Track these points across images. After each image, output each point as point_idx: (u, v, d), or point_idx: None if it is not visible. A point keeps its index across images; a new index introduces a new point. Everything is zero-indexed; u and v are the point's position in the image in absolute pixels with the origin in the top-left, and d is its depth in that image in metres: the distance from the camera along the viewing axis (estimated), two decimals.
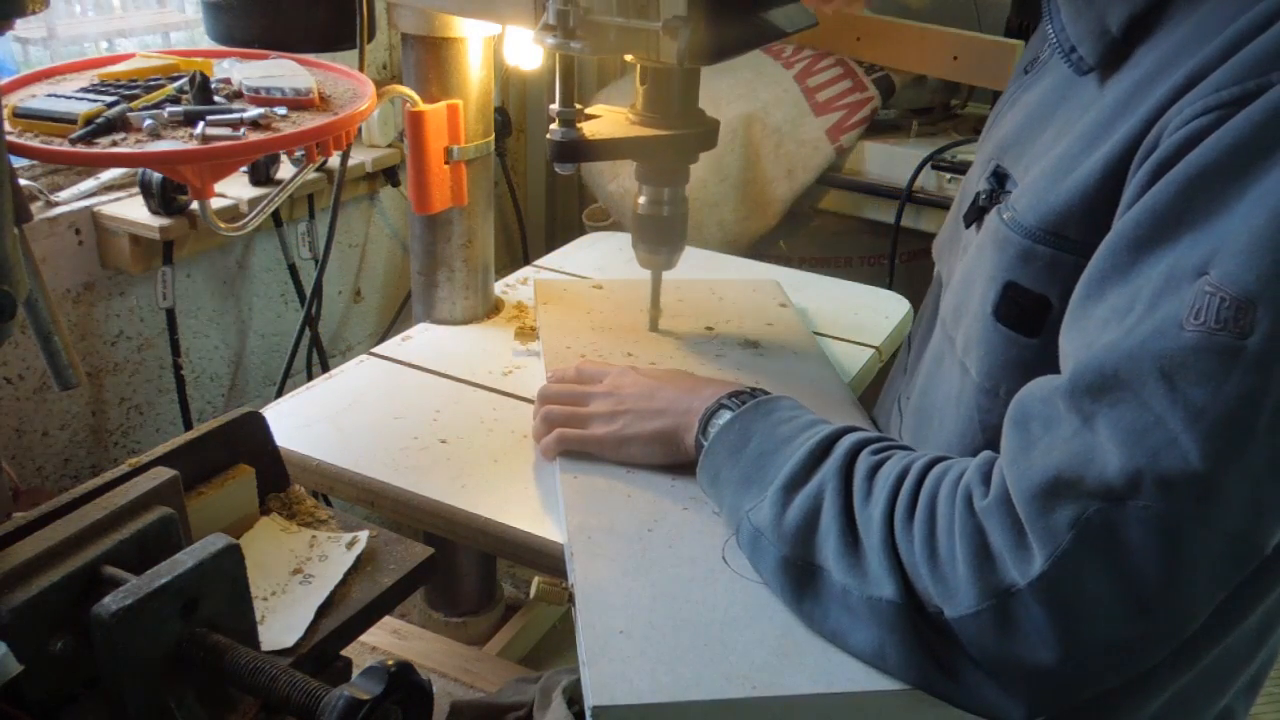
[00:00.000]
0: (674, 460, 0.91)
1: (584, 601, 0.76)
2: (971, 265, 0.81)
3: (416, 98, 1.16)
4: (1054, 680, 0.65)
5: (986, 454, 0.71)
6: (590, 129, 1.02)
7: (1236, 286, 0.57)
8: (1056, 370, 0.67)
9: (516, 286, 1.43)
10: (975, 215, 0.84)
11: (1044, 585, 0.62)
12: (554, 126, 0.98)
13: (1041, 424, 0.65)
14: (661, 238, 1.11)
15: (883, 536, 0.70)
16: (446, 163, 1.19)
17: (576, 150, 1.00)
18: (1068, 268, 0.70)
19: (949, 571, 0.67)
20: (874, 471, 0.75)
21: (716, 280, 1.37)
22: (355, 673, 0.59)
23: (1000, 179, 0.82)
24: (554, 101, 1.01)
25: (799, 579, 0.75)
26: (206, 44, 1.16)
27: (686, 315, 1.26)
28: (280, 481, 0.83)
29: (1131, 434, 0.60)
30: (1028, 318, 0.74)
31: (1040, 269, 0.72)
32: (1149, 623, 0.63)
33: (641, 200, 1.10)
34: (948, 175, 1.76)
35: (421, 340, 1.26)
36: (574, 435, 0.94)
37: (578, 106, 1.02)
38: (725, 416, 0.85)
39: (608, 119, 1.04)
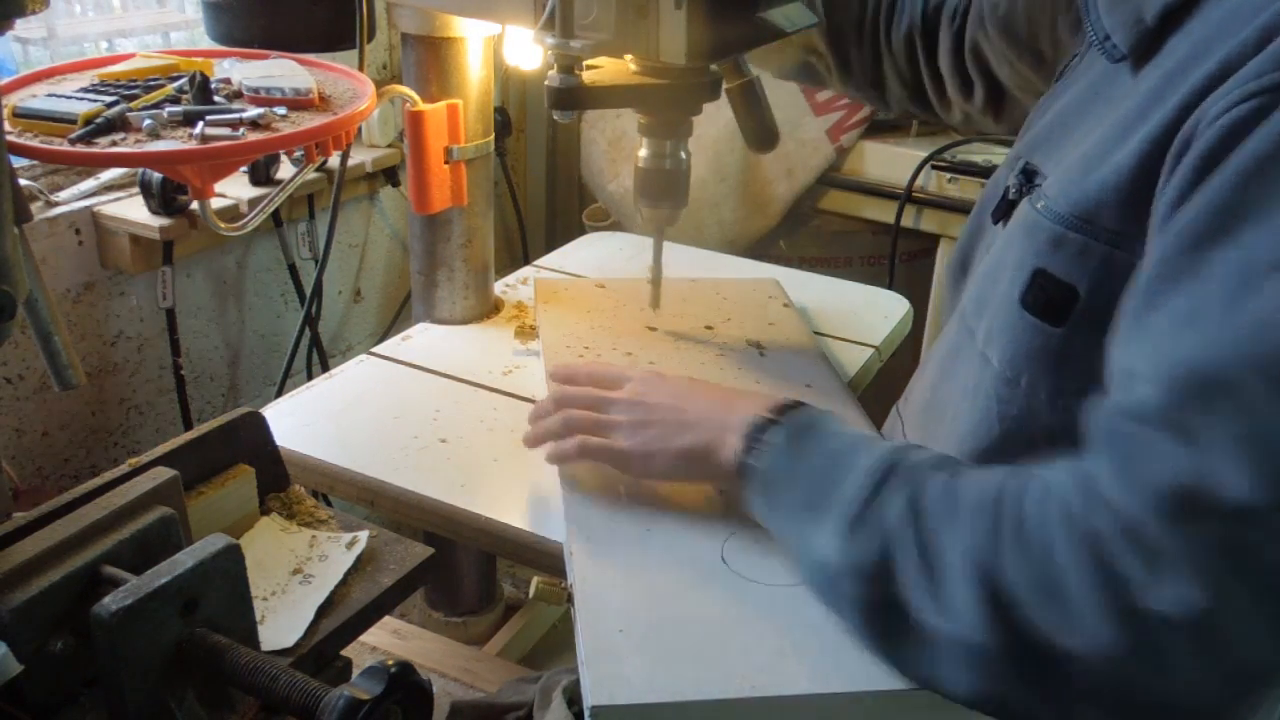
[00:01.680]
0: (702, 479, 0.86)
1: (583, 601, 0.76)
2: (998, 256, 0.80)
3: (416, 98, 1.16)
4: (1184, 714, 0.61)
5: (1080, 468, 0.64)
6: (590, 77, 0.98)
7: None
8: (1079, 362, 0.66)
9: (516, 286, 1.43)
10: (1005, 210, 0.84)
11: (1199, 617, 0.57)
12: (552, 72, 0.94)
13: (1134, 443, 0.61)
14: (663, 191, 1.08)
15: (981, 569, 0.64)
16: (446, 163, 1.19)
17: (575, 97, 0.95)
18: (1097, 257, 0.70)
19: (1067, 603, 0.61)
20: (956, 494, 0.69)
21: (719, 279, 1.37)
22: (355, 673, 0.59)
23: (1029, 175, 0.81)
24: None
25: (881, 618, 0.69)
26: (206, 44, 1.16)
27: (688, 315, 1.26)
28: (280, 481, 0.83)
29: (1248, 444, 0.57)
30: (1054, 307, 0.73)
31: (1070, 256, 0.72)
32: None
33: (643, 153, 1.07)
34: (948, 175, 1.76)
35: (421, 340, 1.27)
36: (597, 445, 0.87)
37: (575, 46, 0.94)
38: (777, 433, 0.78)
39: (609, 68, 1.01)
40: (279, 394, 1.40)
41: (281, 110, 0.98)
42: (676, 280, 1.29)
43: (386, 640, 1.04)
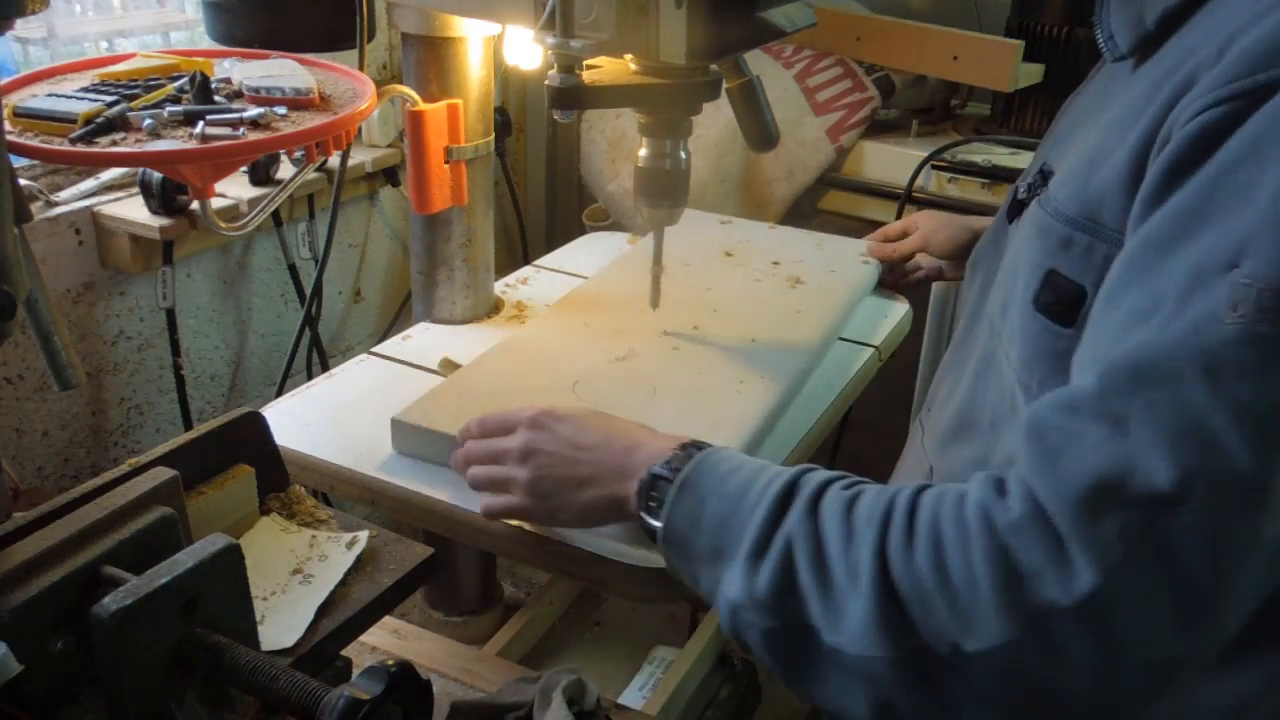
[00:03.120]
0: (617, 523, 0.85)
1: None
2: (1016, 257, 0.81)
3: (416, 97, 1.15)
4: (1091, 703, 0.60)
5: (989, 473, 0.66)
6: (590, 76, 0.98)
7: (1272, 274, 0.56)
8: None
9: (516, 286, 1.43)
10: (1016, 210, 0.85)
11: (1092, 602, 0.58)
12: (552, 72, 0.94)
13: (1061, 434, 0.61)
14: (663, 190, 1.08)
15: (873, 579, 0.64)
16: (446, 162, 1.19)
17: (576, 96, 0.95)
18: (1102, 256, 0.70)
19: (967, 601, 0.61)
20: (849, 509, 0.68)
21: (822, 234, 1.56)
22: (355, 673, 0.59)
23: (1045, 175, 0.82)
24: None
25: (791, 648, 0.68)
26: (206, 44, 1.16)
27: (756, 253, 1.46)
28: (280, 481, 0.83)
29: (1174, 436, 0.57)
30: (1065, 307, 0.73)
31: (1078, 256, 0.72)
32: (1195, 635, 0.59)
33: (643, 153, 1.07)
34: (948, 175, 1.76)
35: (421, 340, 1.26)
36: (500, 506, 0.88)
37: (575, 45, 0.94)
38: (670, 490, 0.76)
39: (609, 67, 1.01)
40: (279, 394, 1.40)
41: (281, 110, 0.98)
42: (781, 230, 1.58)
43: (386, 640, 1.04)
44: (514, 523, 0.91)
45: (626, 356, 1.15)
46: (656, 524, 0.76)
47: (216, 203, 1.35)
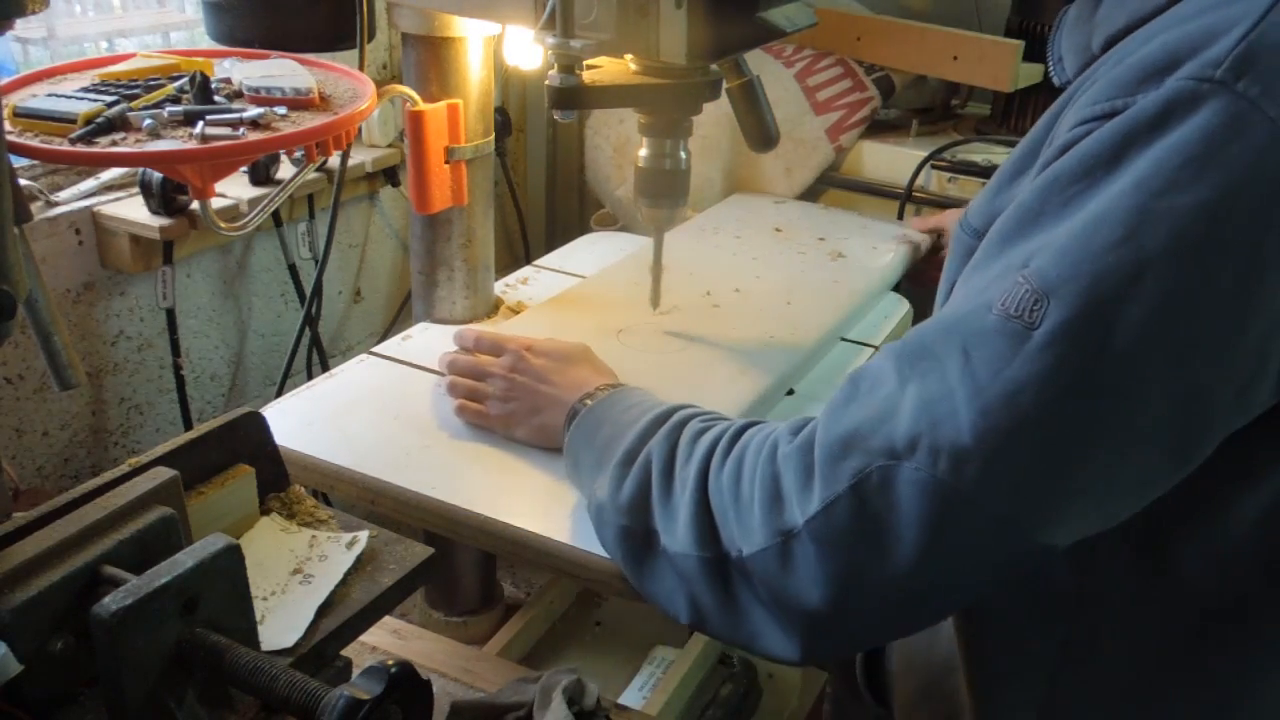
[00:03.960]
0: (556, 446, 0.98)
1: None
2: (945, 273, 0.82)
3: (416, 97, 1.15)
4: (825, 622, 0.69)
5: (803, 415, 0.75)
6: (590, 77, 0.99)
7: (1040, 279, 0.60)
8: None
9: (516, 286, 1.43)
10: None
11: (815, 526, 0.67)
12: (552, 72, 0.95)
13: (870, 382, 0.69)
14: (663, 190, 1.09)
15: (695, 490, 0.76)
16: (446, 162, 1.19)
17: (576, 97, 0.96)
18: None
19: (746, 513, 0.71)
20: (698, 436, 0.80)
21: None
22: (355, 673, 0.59)
23: None
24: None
25: (637, 547, 0.79)
26: (206, 44, 1.16)
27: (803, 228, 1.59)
28: (280, 481, 0.83)
29: (926, 401, 0.64)
30: None
31: None
32: (911, 582, 0.66)
33: (643, 153, 1.08)
34: (948, 175, 1.76)
35: (421, 340, 1.26)
36: (473, 410, 1.06)
37: (575, 46, 0.95)
38: (583, 414, 0.93)
39: (609, 68, 1.02)
40: (279, 394, 1.40)
41: (281, 110, 0.98)
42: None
43: (386, 640, 1.04)
44: (513, 523, 0.92)
45: (670, 311, 1.27)
46: (568, 439, 0.94)
47: (216, 203, 1.35)
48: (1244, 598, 0.70)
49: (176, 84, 1.01)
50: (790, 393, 1.19)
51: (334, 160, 1.45)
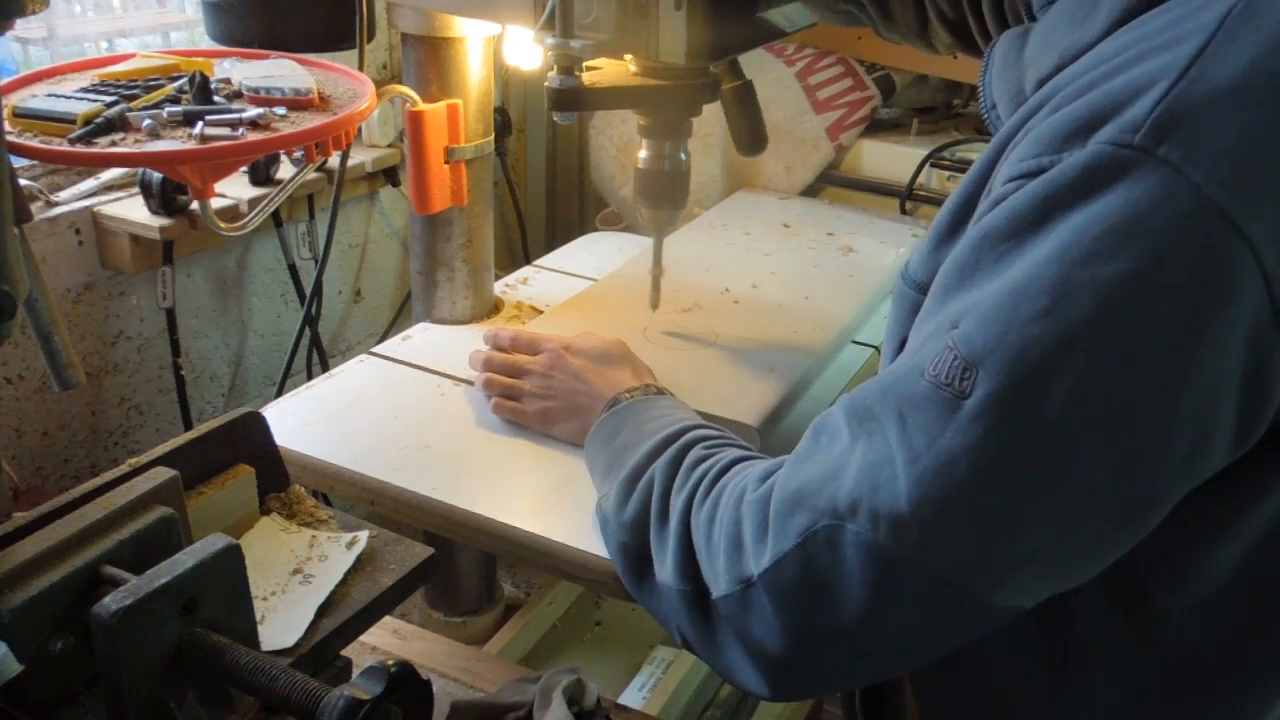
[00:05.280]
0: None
1: None
2: (889, 325, 0.81)
3: (416, 97, 1.15)
4: (786, 667, 0.70)
5: (781, 458, 0.74)
6: (590, 78, 0.98)
7: (968, 347, 0.59)
8: None
9: (516, 286, 1.43)
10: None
11: (768, 580, 0.68)
12: (552, 74, 0.94)
13: (829, 437, 0.69)
14: (663, 192, 1.09)
15: (679, 524, 0.77)
16: (446, 163, 1.19)
17: (575, 98, 0.95)
18: None
19: (715, 556, 0.73)
20: (694, 466, 0.81)
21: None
22: (355, 673, 0.59)
23: None
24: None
25: (637, 564, 0.81)
26: (206, 44, 1.16)
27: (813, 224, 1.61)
28: (280, 481, 0.83)
29: (870, 464, 0.63)
30: None
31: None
32: (864, 638, 0.66)
33: (642, 155, 1.08)
34: (948, 174, 1.76)
35: (421, 340, 1.26)
36: (509, 408, 1.07)
37: (575, 46, 0.95)
38: (608, 417, 0.95)
39: (609, 69, 1.01)
40: (279, 394, 1.40)
41: (281, 110, 0.98)
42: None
43: (386, 640, 1.04)
44: (513, 523, 0.92)
45: (691, 309, 1.29)
46: (591, 439, 0.96)
47: (216, 203, 1.35)
48: (1230, 648, 0.69)
49: (176, 84, 1.01)
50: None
51: (334, 160, 1.45)
